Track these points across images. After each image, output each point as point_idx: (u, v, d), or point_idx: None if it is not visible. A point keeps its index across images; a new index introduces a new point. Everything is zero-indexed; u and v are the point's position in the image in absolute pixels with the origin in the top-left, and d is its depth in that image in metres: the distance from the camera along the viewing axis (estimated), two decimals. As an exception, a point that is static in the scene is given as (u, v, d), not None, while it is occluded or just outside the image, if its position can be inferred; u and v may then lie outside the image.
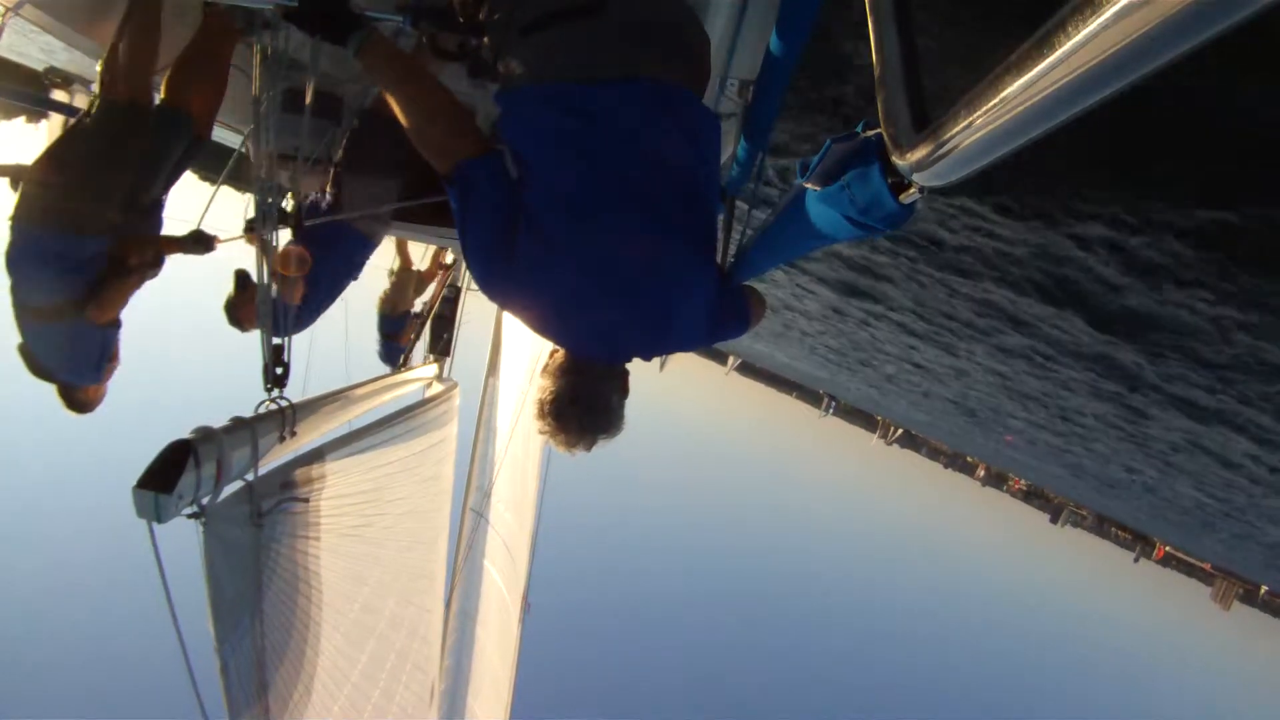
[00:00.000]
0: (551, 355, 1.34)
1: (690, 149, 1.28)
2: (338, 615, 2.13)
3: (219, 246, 2.43)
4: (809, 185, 0.97)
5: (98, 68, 2.38)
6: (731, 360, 44.25)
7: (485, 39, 1.48)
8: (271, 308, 1.82)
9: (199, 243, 2.35)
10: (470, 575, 4.56)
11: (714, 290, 1.31)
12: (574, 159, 1.20)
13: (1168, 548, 36.80)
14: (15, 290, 2.06)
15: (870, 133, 0.87)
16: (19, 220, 2.02)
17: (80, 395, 2.31)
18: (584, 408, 1.28)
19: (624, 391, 1.33)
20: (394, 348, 4.71)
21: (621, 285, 1.21)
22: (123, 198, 2.16)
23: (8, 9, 2.01)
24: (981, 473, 45.46)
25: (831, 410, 45.52)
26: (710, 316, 1.32)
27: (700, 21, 1.43)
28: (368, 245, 2.75)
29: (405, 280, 4.87)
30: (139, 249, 2.16)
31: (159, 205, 2.41)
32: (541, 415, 1.30)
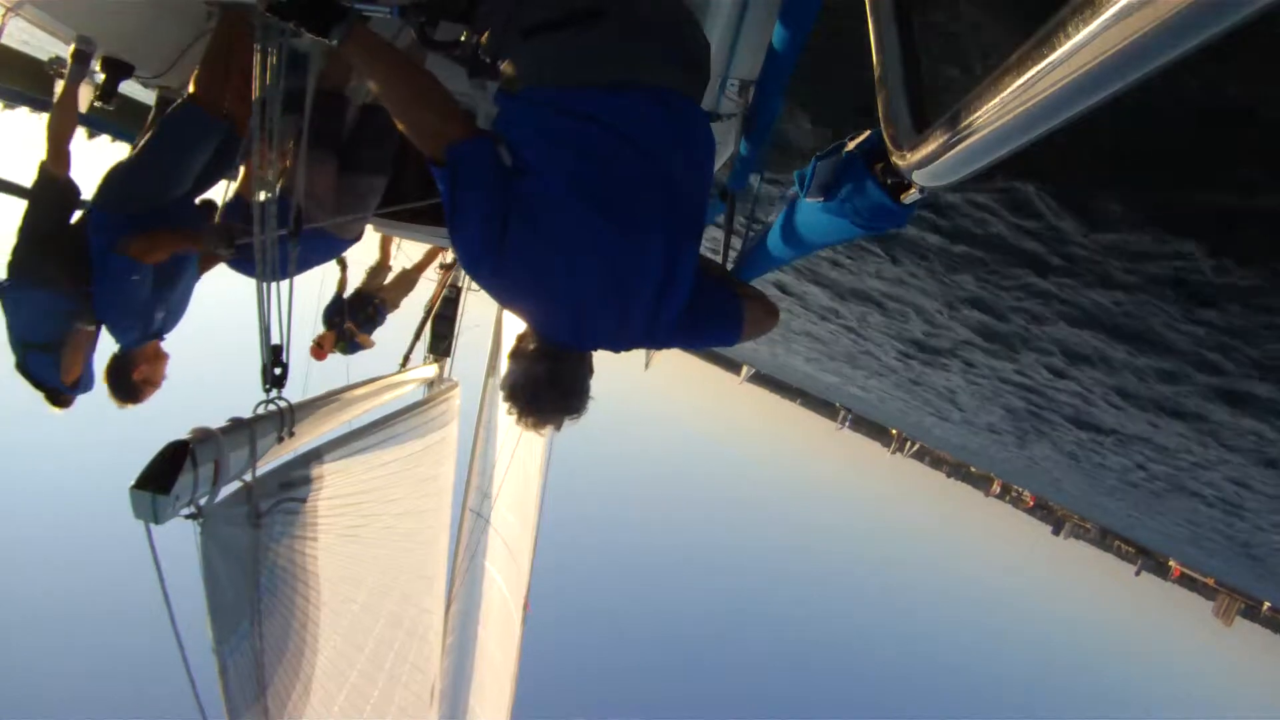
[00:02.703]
0: (520, 338, 1.36)
1: (686, 155, 1.29)
2: (336, 616, 2.13)
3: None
4: (809, 200, 0.98)
5: (96, 65, 2.39)
6: (745, 370, 43.89)
7: (481, 36, 1.47)
8: (269, 308, 1.82)
9: (220, 238, 2.27)
10: (471, 575, 4.56)
11: (691, 292, 1.31)
12: (571, 158, 1.21)
13: (1182, 568, 36.74)
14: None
15: (853, 144, 0.89)
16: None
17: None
18: (560, 391, 1.31)
19: (590, 370, 1.37)
20: (335, 301, 4.67)
21: (605, 286, 1.23)
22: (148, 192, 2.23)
23: (8, 9, 2.01)
24: (997, 488, 45.27)
25: (848, 423, 45.08)
26: (686, 318, 1.33)
27: (700, 26, 1.43)
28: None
29: (376, 270, 4.90)
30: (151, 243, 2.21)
31: (186, 203, 2.40)
32: (514, 397, 1.32)
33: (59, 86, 3.07)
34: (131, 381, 2.38)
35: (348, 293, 4.75)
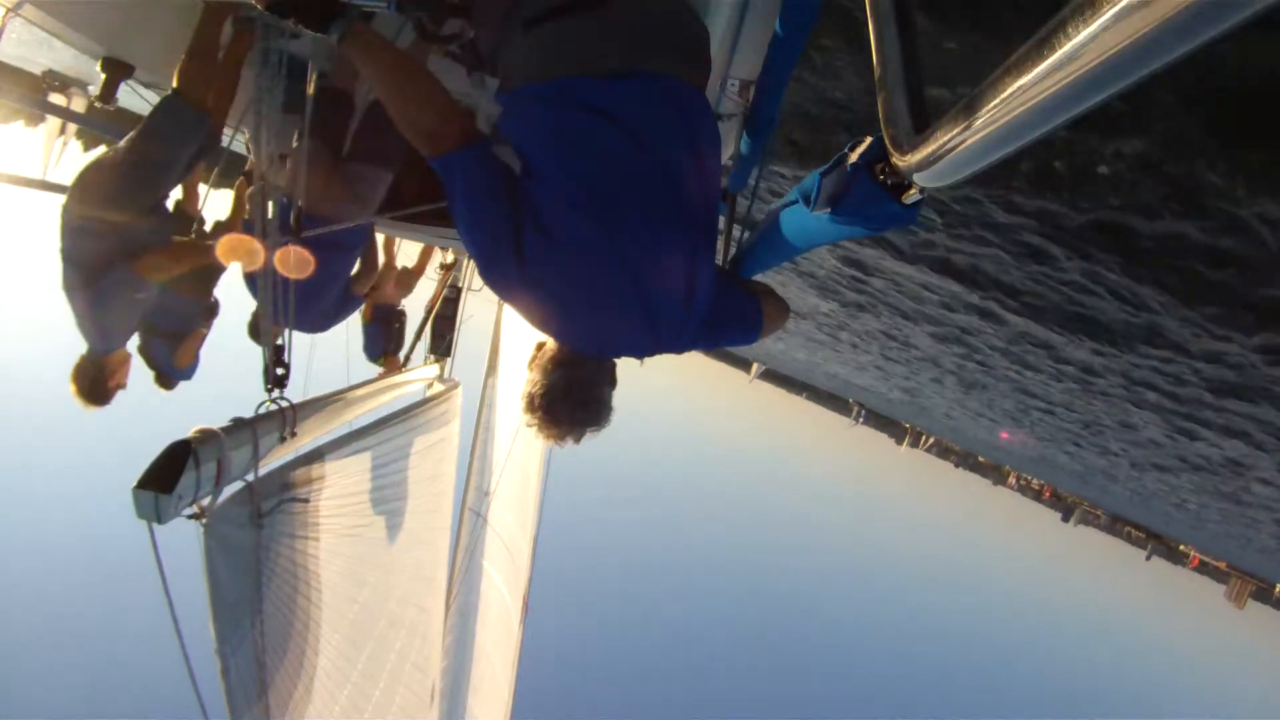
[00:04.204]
0: (539, 348, 1.33)
1: (694, 145, 1.27)
2: (338, 615, 2.13)
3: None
4: (817, 212, 0.99)
5: (98, 67, 2.38)
6: (755, 367, 43.66)
7: (481, 29, 1.46)
8: (274, 309, 1.82)
9: None
10: (470, 575, 4.56)
11: (713, 294, 1.30)
12: (578, 156, 1.19)
13: (1201, 555, 36.72)
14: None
15: (855, 154, 0.89)
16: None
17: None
18: (576, 401, 1.27)
19: (612, 382, 1.33)
20: (372, 333, 4.66)
21: (623, 286, 1.20)
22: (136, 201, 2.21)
23: (8, 9, 2.01)
24: (1014, 480, 45.23)
25: (862, 419, 44.78)
26: (709, 321, 1.31)
27: (698, 15, 1.42)
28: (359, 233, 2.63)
29: (384, 275, 4.87)
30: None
31: (163, 207, 2.39)
32: (532, 409, 1.29)
33: (54, 96, 3.07)
34: (107, 389, 2.40)
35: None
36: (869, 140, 0.89)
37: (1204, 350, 4.53)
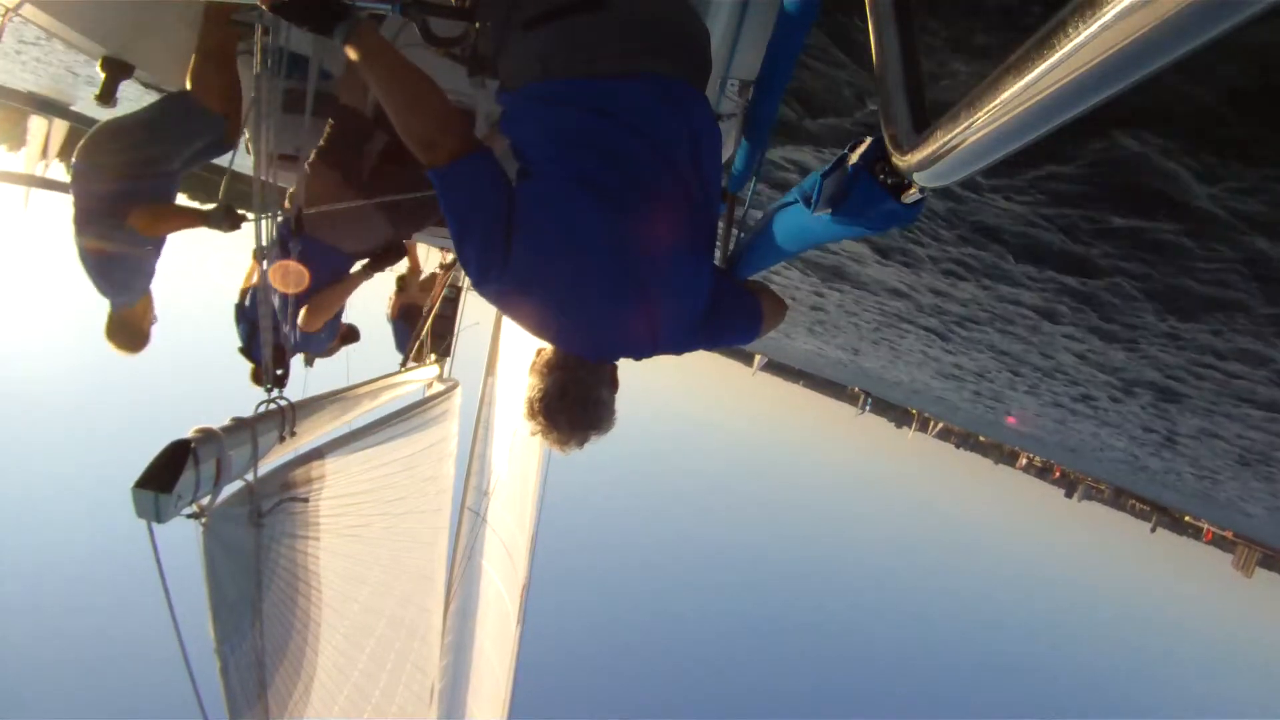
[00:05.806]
0: (539, 353, 1.33)
1: (693, 145, 1.26)
2: (337, 615, 2.13)
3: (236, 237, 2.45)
4: (819, 213, 0.98)
5: (98, 66, 2.39)
6: (758, 359, 43.48)
7: (478, 29, 1.45)
8: (272, 310, 1.82)
9: (226, 219, 2.27)
10: (469, 575, 4.56)
11: (712, 293, 1.30)
12: (577, 157, 1.19)
13: (1214, 528, 36.66)
14: None
15: (856, 155, 0.89)
16: None
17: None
18: (574, 403, 1.26)
19: (614, 386, 1.32)
20: (400, 330, 4.67)
21: (621, 287, 1.20)
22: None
23: (8, 9, 2.01)
24: (1023, 462, 45.35)
25: (868, 408, 44.54)
26: (709, 320, 1.31)
27: (699, 15, 1.42)
28: (345, 257, 2.66)
29: (409, 283, 4.88)
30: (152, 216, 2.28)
31: (169, 185, 2.41)
32: (532, 414, 1.28)
33: (35, 118, 3.10)
34: (145, 331, 2.54)
35: (389, 311, 4.77)
36: (869, 140, 0.89)
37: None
